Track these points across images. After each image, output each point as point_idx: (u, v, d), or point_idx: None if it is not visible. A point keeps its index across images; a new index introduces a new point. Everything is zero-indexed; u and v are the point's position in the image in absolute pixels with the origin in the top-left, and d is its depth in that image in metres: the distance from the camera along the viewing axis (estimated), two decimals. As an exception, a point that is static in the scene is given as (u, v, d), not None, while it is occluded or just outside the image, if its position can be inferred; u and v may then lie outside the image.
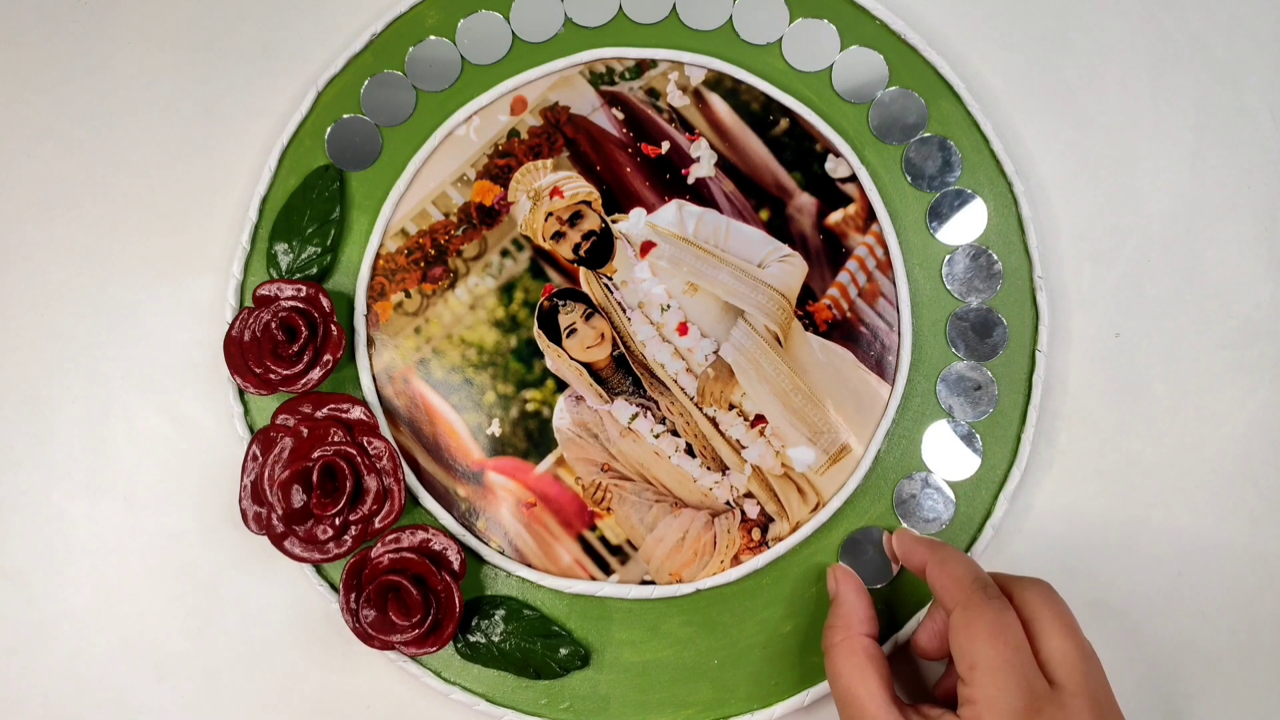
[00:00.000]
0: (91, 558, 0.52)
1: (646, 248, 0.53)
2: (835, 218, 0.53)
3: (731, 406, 0.51)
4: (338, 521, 0.48)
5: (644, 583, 0.50)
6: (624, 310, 0.52)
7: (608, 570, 0.50)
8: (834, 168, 0.53)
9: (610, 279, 0.52)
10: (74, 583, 0.52)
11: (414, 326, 0.52)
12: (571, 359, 0.52)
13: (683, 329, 0.52)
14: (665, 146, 0.54)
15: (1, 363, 0.53)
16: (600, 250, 0.52)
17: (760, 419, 0.51)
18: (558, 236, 0.53)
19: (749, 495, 0.51)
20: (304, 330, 0.49)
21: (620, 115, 0.54)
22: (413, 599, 0.47)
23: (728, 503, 0.51)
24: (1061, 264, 0.54)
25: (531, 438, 0.51)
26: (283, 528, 0.48)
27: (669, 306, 0.52)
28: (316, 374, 0.49)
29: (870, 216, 0.53)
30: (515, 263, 0.53)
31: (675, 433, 0.51)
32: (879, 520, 0.51)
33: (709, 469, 0.51)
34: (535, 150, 0.54)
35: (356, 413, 0.50)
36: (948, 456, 0.51)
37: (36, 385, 0.53)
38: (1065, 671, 0.41)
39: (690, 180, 0.53)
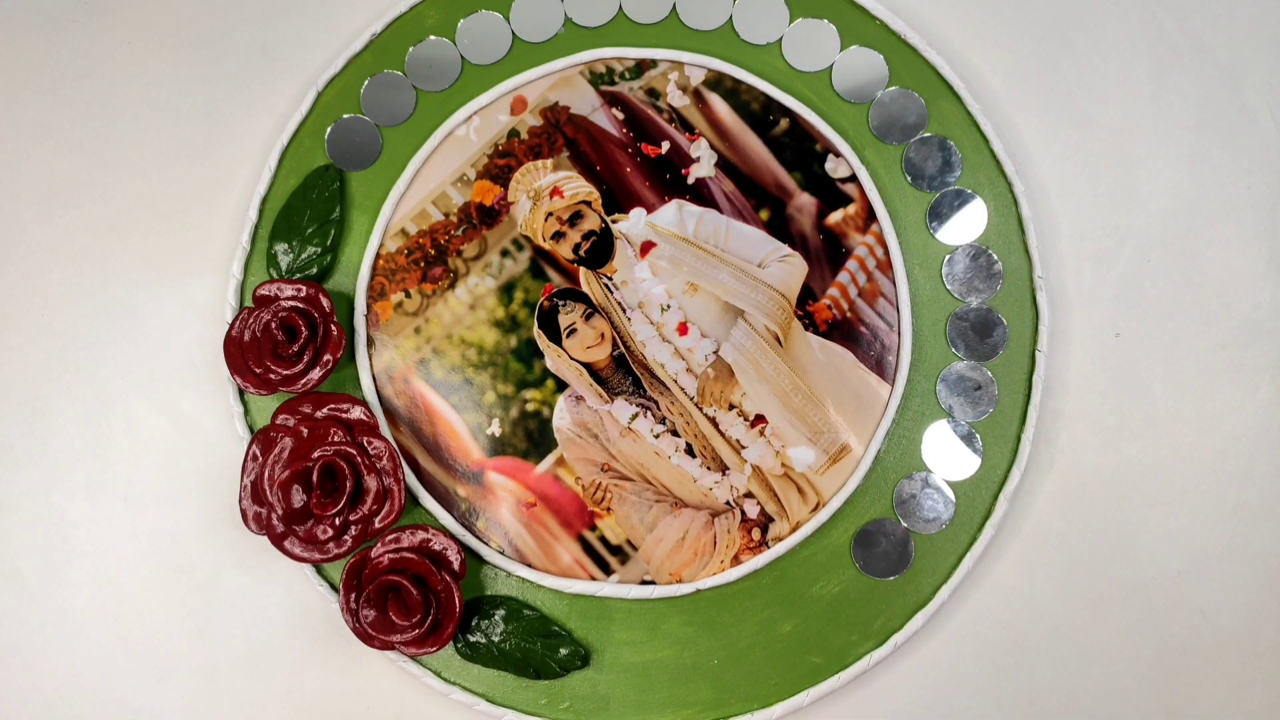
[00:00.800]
0: (91, 558, 0.52)
1: (646, 248, 0.53)
2: (835, 218, 0.53)
3: (731, 406, 0.51)
4: (338, 521, 0.48)
5: (644, 583, 0.50)
6: (624, 310, 0.52)
7: (608, 570, 0.50)
8: (834, 168, 0.53)
9: (610, 279, 0.52)
10: (74, 583, 0.52)
11: (414, 326, 0.52)
12: (571, 359, 0.52)
13: (683, 329, 0.52)
14: (665, 146, 0.54)
15: (2, 362, 0.53)
16: (600, 250, 0.52)
17: (760, 419, 0.51)
18: (558, 236, 0.53)
19: (749, 495, 0.51)
20: (304, 330, 0.49)
21: (620, 115, 0.54)
22: (413, 599, 0.47)
23: (728, 503, 0.51)
24: (1061, 264, 0.54)
25: (531, 438, 0.51)
26: (283, 528, 0.48)
27: (669, 306, 0.52)
28: (316, 374, 0.49)
29: (870, 216, 0.53)
30: (515, 263, 0.53)
31: (675, 433, 0.51)
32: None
33: (709, 469, 0.51)
34: (535, 150, 0.54)
35: (356, 413, 0.50)
36: (948, 456, 0.51)
37: (36, 385, 0.53)
38: None
39: (690, 180, 0.53)
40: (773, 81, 0.54)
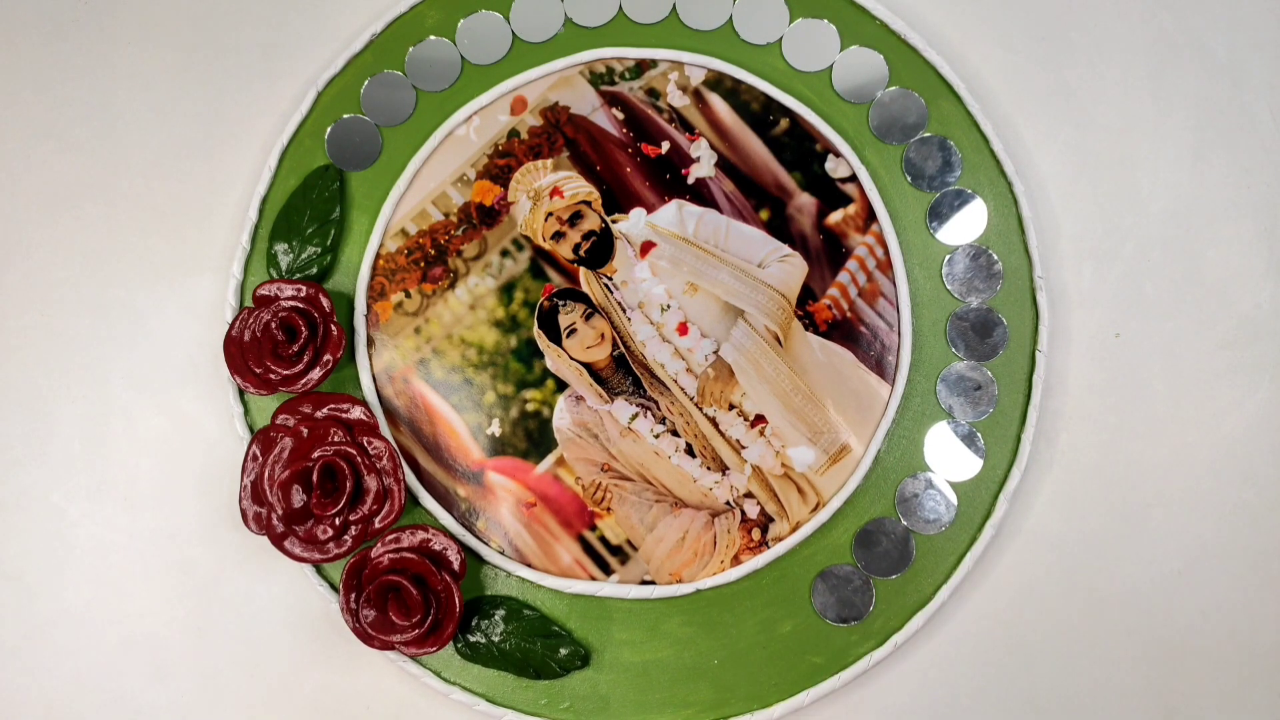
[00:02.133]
0: (91, 558, 0.52)
1: (646, 248, 0.53)
2: (835, 218, 0.53)
3: (731, 406, 0.51)
4: (338, 521, 0.48)
5: (644, 583, 0.50)
6: (624, 310, 0.52)
7: (608, 570, 0.50)
8: (834, 168, 0.53)
9: (610, 279, 0.52)
10: (74, 583, 0.52)
11: (414, 326, 0.52)
12: (571, 359, 0.52)
13: (683, 329, 0.52)
14: (665, 146, 0.54)
15: (2, 362, 0.53)
16: (600, 250, 0.52)
17: (760, 419, 0.51)
18: (558, 236, 0.53)
19: (749, 495, 0.51)
20: (304, 330, 0.49)
21: (620, 115, 0.54)
22: (413, 599, 0.47)
23: (728, 503, 0.51)
24: (1061, 264, 0.54)
25: (531, 438, 0.51)
26: (283, 528, 0.48)
27: (669, 306, 0.52)
28: (316, 374, 0.49)
29: (870, 216, 0.53)
30: (515, 263, 0.53)
31: (675, 433, 0.51)
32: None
33: (709, 469, 0.51)
34: (535, 150, 0.54)
35: (356, 413, 0.50)
36: (949, 457, 0.51)
37: (37, 385, 0.53)
38: None
39: (690, 180, 0.53)
40: (773, 81, 0.54)
